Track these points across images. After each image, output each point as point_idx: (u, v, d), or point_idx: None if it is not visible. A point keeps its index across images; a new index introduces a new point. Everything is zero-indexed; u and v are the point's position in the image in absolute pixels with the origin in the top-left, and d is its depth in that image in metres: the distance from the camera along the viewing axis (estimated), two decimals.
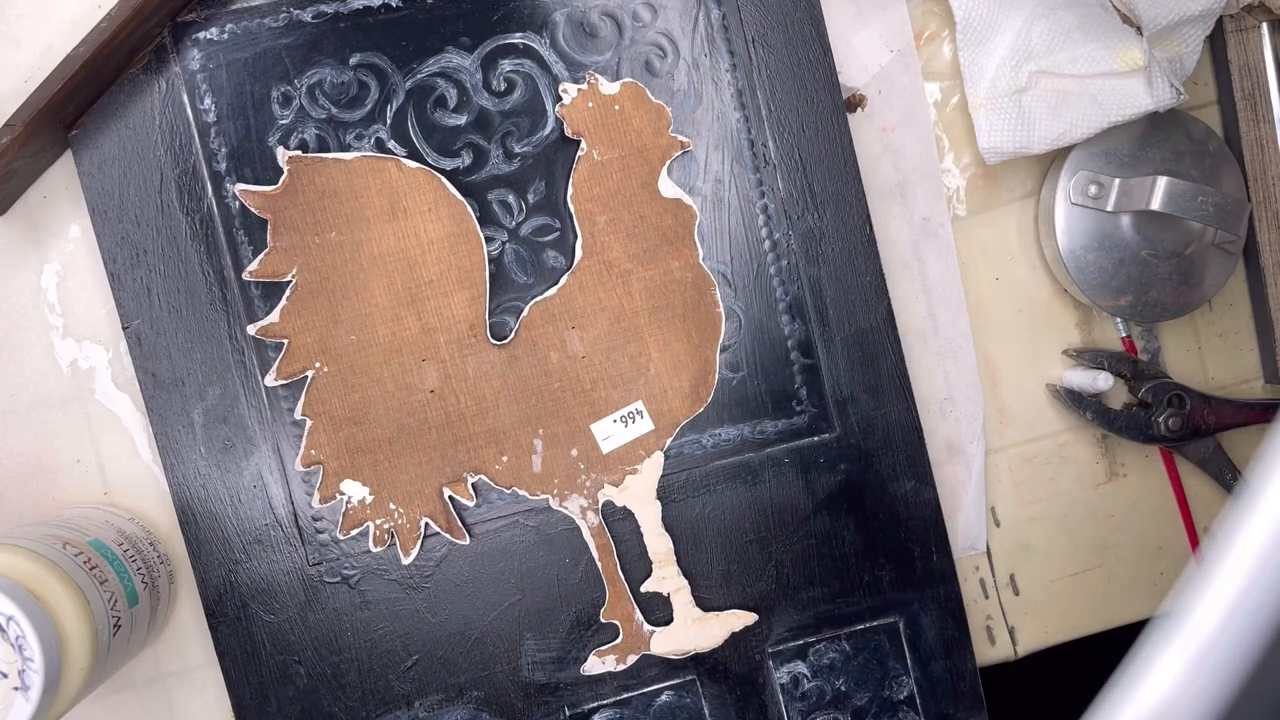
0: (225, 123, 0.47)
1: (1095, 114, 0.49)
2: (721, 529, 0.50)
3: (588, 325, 0.48)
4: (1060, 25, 0.50)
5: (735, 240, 0.49)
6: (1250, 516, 0.18)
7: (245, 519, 0.47)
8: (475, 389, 0.48)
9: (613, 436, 0.48)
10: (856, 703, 0.50)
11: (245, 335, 0.47)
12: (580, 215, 0.48)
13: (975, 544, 0.53)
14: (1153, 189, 0.49)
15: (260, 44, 0.47)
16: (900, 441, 0.50)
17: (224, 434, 0.47)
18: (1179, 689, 0.18)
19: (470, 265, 0.47)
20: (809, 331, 0.50)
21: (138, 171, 0.46)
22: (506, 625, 0.49)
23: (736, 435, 0.50)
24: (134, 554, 0.45)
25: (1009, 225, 0.53)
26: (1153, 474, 0.55)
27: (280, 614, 0.48)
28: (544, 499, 0.48)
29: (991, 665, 0.54)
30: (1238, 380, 0.55)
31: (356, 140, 0.47)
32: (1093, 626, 0.54)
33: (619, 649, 0.49)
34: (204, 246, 0.47)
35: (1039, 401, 0.54)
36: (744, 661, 0.50)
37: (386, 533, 0.48)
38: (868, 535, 0.50)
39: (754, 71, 0.49)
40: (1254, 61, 0.52)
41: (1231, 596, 0.18)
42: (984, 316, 0.53)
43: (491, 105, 0.48)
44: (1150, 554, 0.55)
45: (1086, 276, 0.51)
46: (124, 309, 0.47)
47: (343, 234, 0.47)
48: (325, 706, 0.48)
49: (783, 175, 0.49)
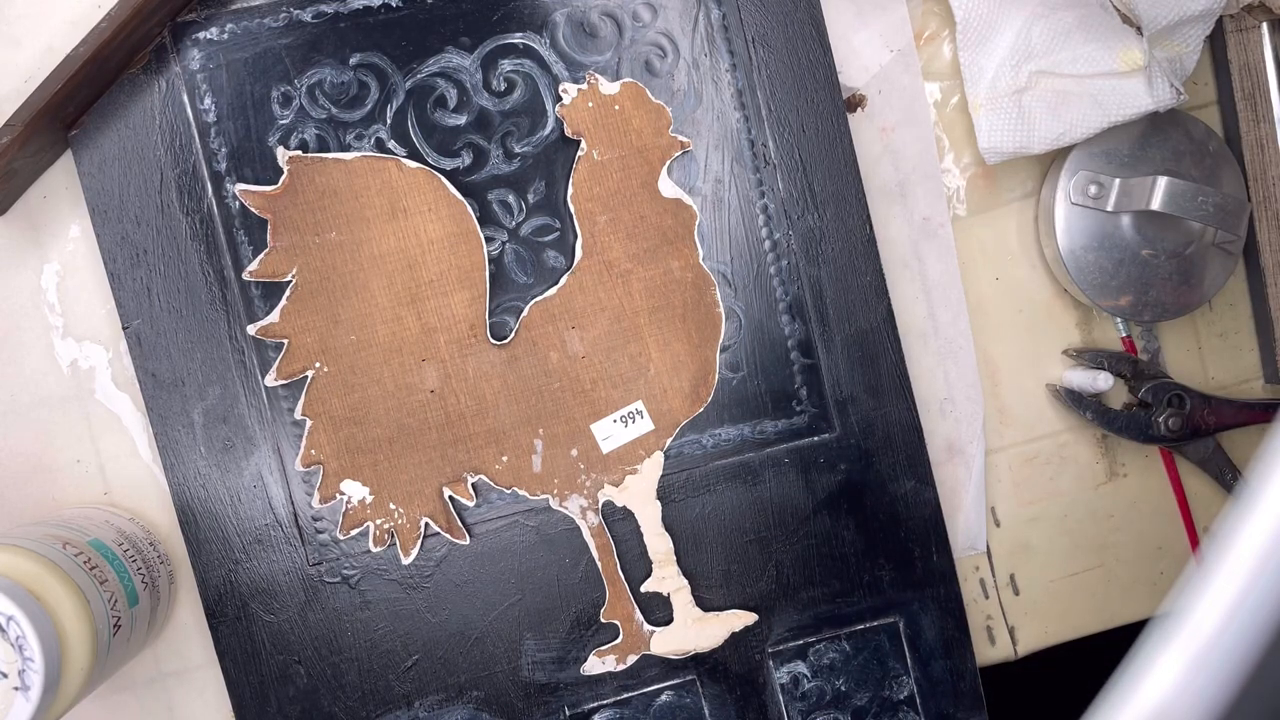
0: (225, 123, 0.47)
1: (1095, 114, 0.49)
2: (721, 529, 0.50)
3: (588, 325, 0.48)
4: (1060, 25, 0.50)
5: (735, 240, 0.49)
6: (1250, 516, 0.18)
7: (245, 519, 0.47)
8: (475, 389, 0.48)
9: (613, 436, 0.48)
10: (856, 703, 0.50)
11: (245, 335, 0.47)
12: (580, 215, 0.48)
13: (975, 544, 0.53)
14: (1153, 189, 0.49)
15: (260, 44, 0.47)
16: (900, 441, 0.50)
17: (224, 434, 0.47)
18: (1179, 689, 0.18)
19: (470, 265, 0.47)
20: (809, 331, 0.50)
21: (138, 171, 0.46)
22: (506, 625, 0.49)
23: (736, 435, 0.50)
24: (134, 554, 0.45)
25: (1009, 225, 0.53)
26: (1153, 474, 0.55)
27: (280, 614, 0.48)
28: (544, 499, 0.48)
29: (991, 665, 0.54)
30: (1238, 380, 0.55)
31: (356, 140, 0.47)
32: (1093, 626, 0.54)
33: (619, 649, 0.49)
34: (204, 246, 0.47)
35: (1039, 401, 0.54)
36: (744, 661, 0.50)
37: (386, 533, 0.48)
38: (868, 535, 0.50)
39: (754, 71, 0.49)
40: (1254, 61, 0.52)
41: (1231, 596, 0.18)
42: (984, 316, 0.53)
43: (491, 105, 0.48)
44: (1150, 554, 0.55)
45: (1086, 276, 0.51)
46: (124, 309, 0.47)
47: (343, 234, 0.47)
48: (325, 706, 0.48)
49: (783, 175, 0.49)
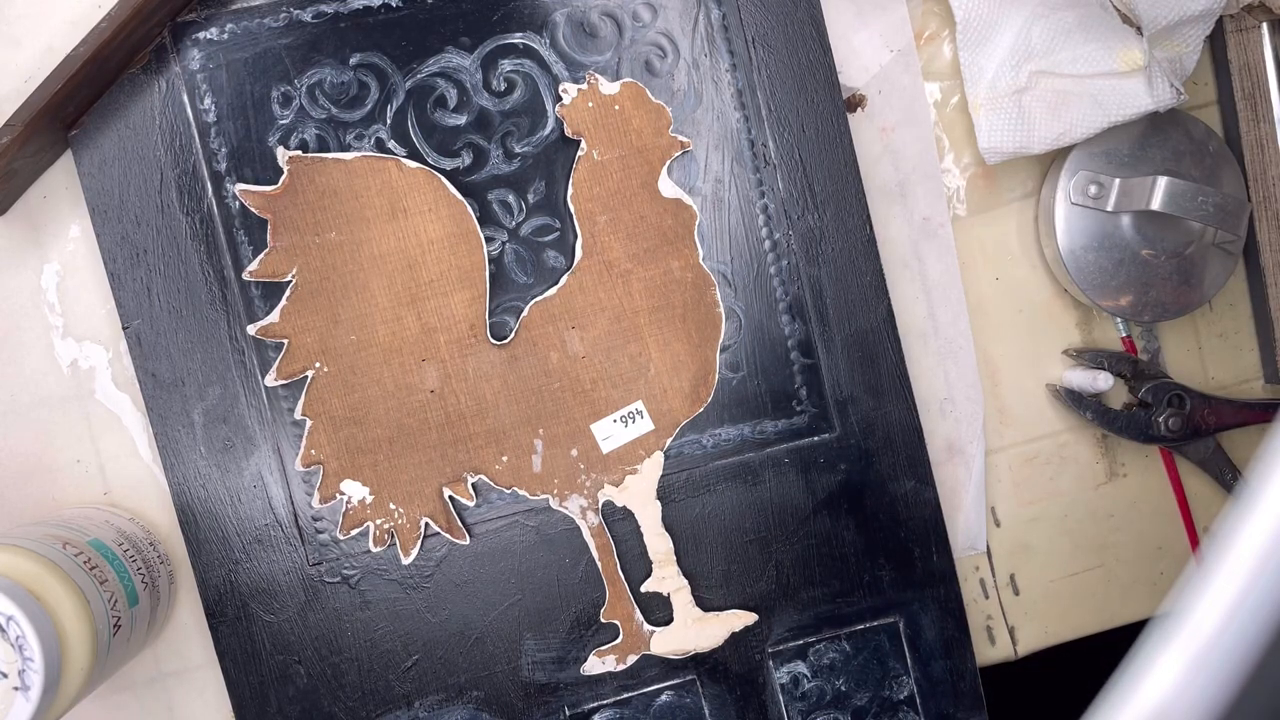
0: (225, 123, 0.47)
1: (1095, 114, 0.49)
2: (721, 529, 0.50)
3: (588, 325, 0.48)
4: (1060, 25, 0.50)
5: (735, 240, 0.49)
6: (1250, 516, 0.18)
7: (245, 519, 0.47)
8: (475, 389, 0.48)
9: (613, 436, 0.48)
10: (856, 703, 0.50)
11: (245, 335, 0.47)
12: (580, 215, 0.48)
13: (975, 544, 0.53)
14: (1153, 189, 0.49)
15: (260, 44, 0.47)
16: (900, 441, 0.50)
17: (224, 434, 0.47)
18: (1179, 689, 0.18)
19: (470, 265, 0.47)
20: (809, 331, 0.50)
21: (138, 171, 0.46)
22: (506, 625, 0.49)
23: (736, 435, 0.50)
24: (134, 554, 0.45)
25: (1009, 225, 0.53)
26: (1153, 474, 0.55)
27: (280, 614, 0.48)
28: (544, 499, 0.48)
29: (991, 665, 0.54)
30: (1238, 380, 0.55)
31: (356, 140, 0.47)
32: (1093, 626, 0.54)
33: (619, 649, 0.49)
34: (204, 246, 0.47)
35: (1039, 401, 0.54)
36: (744, 661, 0.50)
37: (386, 533, 0.48)
38: (868, 535, 0.50)
39: (754, 71, 0.49)
40: (1254, 61, 0.52)
41: (1231, 596, 0.18)
42: (984, 316, 0.53)
43: (491, 105, 0.48)
44: (1150, 554, 0.55)
45: (1086, 276, 0.51)
46: (124, 309, 0.47)
47: (343, 234, 0.47)
48: (325, 706, 0.48)
49: (783, 175, 0.49)
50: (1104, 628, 0.55)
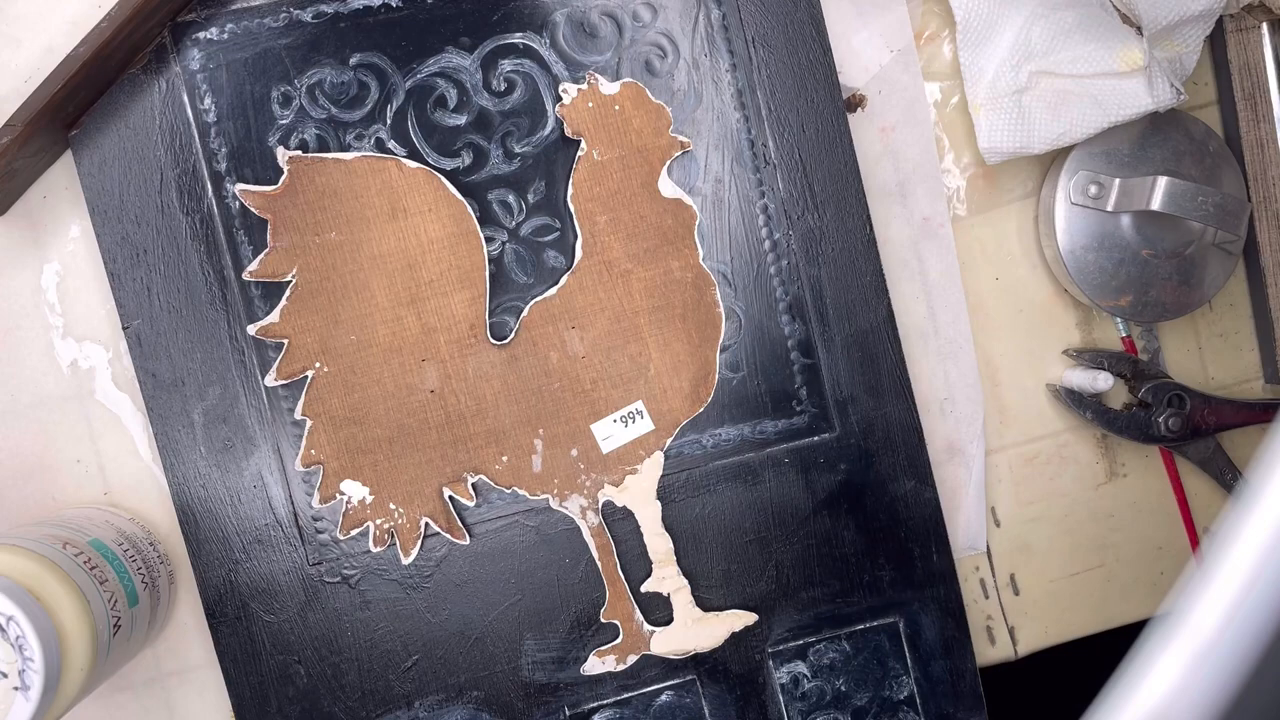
0: (225, 123, 0.47)
1: (1095, 114, 0.49)
2: (721, 529, 0.50)
3: (588, 325, 0.48)
4: (1060, 25, 0.50)
5: (735, 240, 0.49)
6: (1250, 516, 0.18)
7: (245, 519, 0.47)
8: (475, 389, 0.48)
9: (613, 436, 0.48)
10: (856, 703, 0.50)
11: (245, 335, 0.47)
12: (580, 215, 0.48)
13: (975, 544, 0.53)
14: (1153, 189, 0.49)
15: (260, 44, 0.47)
16: (900, 441, 0.50)
17: (224, 434, 0.47)
18: (1179, 689, 0.18)
19: (470, 265, 0.47)
20: (809, 331, 0.50)
21: (138, 171, 0.46)
22: (506, 625, 0.49)
23: (736, 435, 0.50)
24: (134, 554, 0.45)
25: (1009, 225, 0.53)
26: (1153, 474, 0.55)
27: (280, 614, 0.48)
28: (544, 499, 0.48)
29: (991, 665, 0.54)
30: (1238, 380, 0.55)
31: (356, 140, 0.47)
32: (1093, 626, 0.54)
33: (619, 649, 0.49)
34: (204, 246, 0.47)
35: (1039, 401, 0.54)
36: (744, 661, 0.50)
37: (386, 533, 0.48)
38: (868, 535, 0.50)
39: (754, 71, 0.49)
40: (1254, 61, 0.52)
41: (1231, 596, 0.18)
42: (984, 316, 0.53)
43: (491, 105, 0.48)
44: (1150, 554, 0.55)
45: (1086, 276, 0.51)
46: (124, 309, 0.47)
47: (343, 234, 0.47)
48: (325, 706, 0.48)
49: (783, 175, 0.49)
50: (1104, 628, 0.55)
